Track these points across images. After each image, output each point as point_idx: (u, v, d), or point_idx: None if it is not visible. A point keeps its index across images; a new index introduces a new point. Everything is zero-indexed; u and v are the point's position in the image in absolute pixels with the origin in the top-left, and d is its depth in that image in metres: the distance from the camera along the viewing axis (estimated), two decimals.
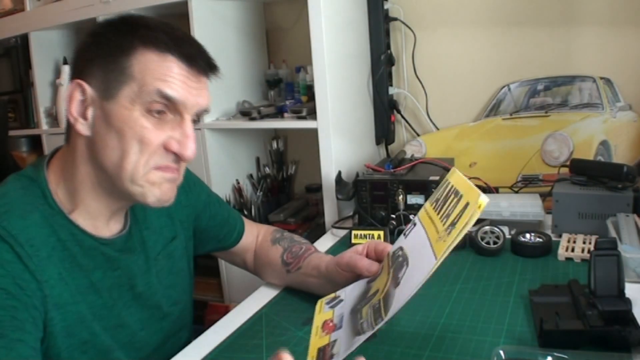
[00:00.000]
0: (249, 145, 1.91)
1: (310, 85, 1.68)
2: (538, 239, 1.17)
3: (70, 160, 0.83)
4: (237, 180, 1.82)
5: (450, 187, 0.75)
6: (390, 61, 1.75)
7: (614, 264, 0.84)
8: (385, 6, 1.71)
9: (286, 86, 1.85)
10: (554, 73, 1.61)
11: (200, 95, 0.82)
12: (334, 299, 0.86)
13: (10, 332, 0.69)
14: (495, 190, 1.48)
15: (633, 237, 1.03)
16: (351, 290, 0.87)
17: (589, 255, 0.89)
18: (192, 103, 0.81)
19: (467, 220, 0.64)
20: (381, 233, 1.29)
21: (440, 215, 0.73)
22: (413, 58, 1.75)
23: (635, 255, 0.98)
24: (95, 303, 0.83)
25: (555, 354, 0.74)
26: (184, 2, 1.61)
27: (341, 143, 1.56)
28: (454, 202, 0.70)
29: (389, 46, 1.75)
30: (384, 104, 1.74)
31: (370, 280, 0.86)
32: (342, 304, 0.83)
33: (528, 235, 1.18)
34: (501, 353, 0.74)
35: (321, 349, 0.74)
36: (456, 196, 0.71)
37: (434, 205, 0.78)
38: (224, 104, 1.76)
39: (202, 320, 1.70)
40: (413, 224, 0.81)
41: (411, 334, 0.89)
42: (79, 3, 1.81)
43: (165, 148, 0.80)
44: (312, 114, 1.55)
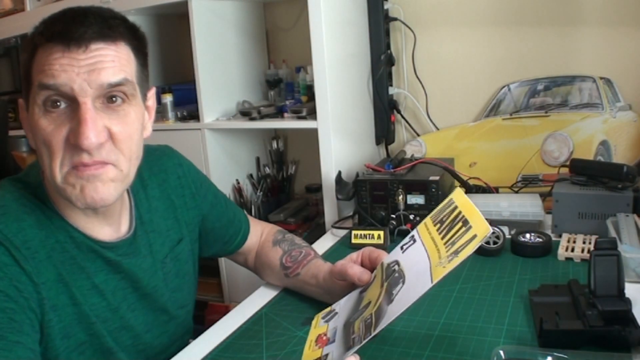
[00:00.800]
0: (249, 145, 1.91)
1: (310, 85, 1.68)
2: (538, 239, 1.17)
3: None
4: (237, 180, 1.82)
5: (457, 212, 0.74)
6: (390, 61, 1.75)
7: (613, 264, 0.84)
8: (385, 6, 1.71)
9: (286, 86, 1.85)
10: (554, 73, 1.61)
11: (93, 70, 0.72)
12: (330, 312, 0.86)
13: (8, 335, 0.69)
14: (495, 190, 1.48)
15: (633, 237, 1.03)
16: (345, 302, 0.87)
17: (589, 255, 0.89)
18: (81, 84, 0.71)
19: (471, 251, 0.65)
20: (381, 233, 1.29)
21: (445, 240, 0.72)
22: (413, 58, 1.75)
23: (635, 255, 0.98)
24: (98, 305, 0.82)
25: (555, 354, 0.74)
26: (184, 2, 1.61)
27: (341, 143, 1.56)
28: (461, 231, 0.70)
29: (389, 46, 1.75)
30: (384, 104, 1.74)
31: (363, 290, 0.85)
32: (336, 317, 0.83)
33: (528, 235, 1.18)
34: (501, 353, 0.74)
35: None
36: (465, 225, 0.71)
37: (438, 227, 0.77)
38: (224, 104, 1.76)
39: (202, 320, 1.70)
40: (412, 239, 0.80)
41: (411, 334, 0.89)
42: (79, 3, 1.80)
43: (69, 142, 0.73)
44: (312, 114, 1.55)
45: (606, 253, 0.84)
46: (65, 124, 0.73)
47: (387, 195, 1.37)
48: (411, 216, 1.34)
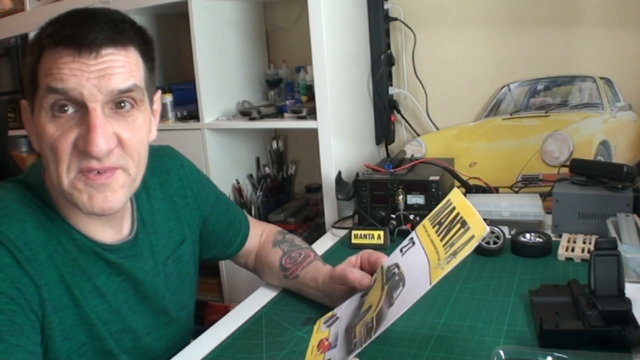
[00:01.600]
0: (249, 145, 1.91)
1: (310, 85, 1.68)
2: (538, 239, 1.17)
3: None
4: (237, 180, 1.82)
5: (455, 213, 0.74)
6: (390, 61, 1.75)
7: (614, 264, 0.84)
8: (385, 6, 1.71)
9: (286, 86, 1.85)
10: (554, 73, 1.61)
11: (103, 76, 0.72)
12: (331, 317, 0.86)
13: (9, 337, 0.68)
14: (495, 190, 1.48)
15: (633, 237, 1.03)
16: (347, 306, 0.86)
17: (589, 255, 0.89)
18: (91, 89, 0.71)
19: (468, 252, 0.66)
20: (381, 233, 1.29)
21: (444, 242, 0.72)
22: (413, 58, 1.75)
23: (635, 255, 0.98)
24: (100, 307, 0.82)
25: (555, 354, 0.74)
26: (184, 2, 1.61)
27: (341, 143, 1.56)
28: (460, 232, 0.70)
29: (389, 46, 1.75)
30: (384, 104, 1.74)
31: (364, 294, 0.85)
32: (338, 322, 0.83)
33: (528, 235, 1.18)
34: (501, 353, 0.74)
35: None
36: (463, 226, 0.71)
37: (436, 228, 0.77)
38: (224, 104, 1.76)
39: (202, 320, 1.70)
40: (411, 242, 0.80)
41: (411, 334, 0.89)
42: (79, 3, 1.81)
43: (78, 148, 0.73)
44: (312, 114, 1.55)
45: (606, 253, 0.85)
46: (73, 130, 0.73)
47: (387, 195, 1.37)
48: (411, 216, 1.34)
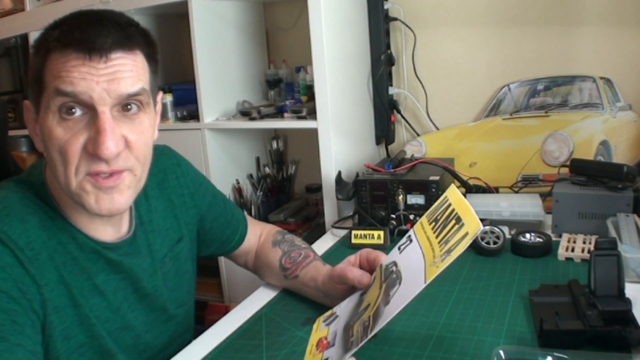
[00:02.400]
0: (249, 145, 1.91)
1: (310, 85, 1.68)
2: (538, 239, 1.17)
3: None
4: (237, 180, 1.82)
5: (450, 210, 0.74)
6: (390, 61, 1.75)
7: (614, 264, 0.84)
8: (385, 6, 1.71)
9: (286, 86, 1.85)
10: (554, 73, 1.61)
11: (113, 80, 0.73)
12: (330, 316, 0.86)
13: (10, 336, 0.69)
14: (495, 190, 1.48)
15: (633, 237, 1.03)
16: (346, 304, 0.86)
17: (589, 255, 0.89)
18: (101, 93, 0.72)
19: (463, 249, 0.66)
20: (381, 233, 1.29)
21: (440, 239, 0.72)
22: (413, 58, 1.75)
23: (635, 255, 0.98)
24: (99, 306, 0.83)
25: (555, 354, 0.74)
26: (184, 2, 1.61)
27: (341, 143, 1.56)
28: (454, 229, 0.70)
29: (389, 46, 1.75)
30: (384, 104, 1.74)
31: (363, 292, 0.85)
32: (337, 321, 0.83)
33: (528, 235, 1.18)
34: (501, 353, 0.74)
35: None
36: (458, 223, 0.70)
37: (432, 225, 0.77)
38: (224, 104, 1.76)
39: (202, 320, 1.70)
40: (409, 239, 0.80)
41: (411, 334, 0.89)
42: (79, 3, 1.81)
43: (87, 151, 0.74)
44: (312, 114, 1.55)
45: (606, 253, 0.84)
46: (82, 133, 0.73)
47: (387, 195, 1.37)
48: (411, 216, 1.34)
